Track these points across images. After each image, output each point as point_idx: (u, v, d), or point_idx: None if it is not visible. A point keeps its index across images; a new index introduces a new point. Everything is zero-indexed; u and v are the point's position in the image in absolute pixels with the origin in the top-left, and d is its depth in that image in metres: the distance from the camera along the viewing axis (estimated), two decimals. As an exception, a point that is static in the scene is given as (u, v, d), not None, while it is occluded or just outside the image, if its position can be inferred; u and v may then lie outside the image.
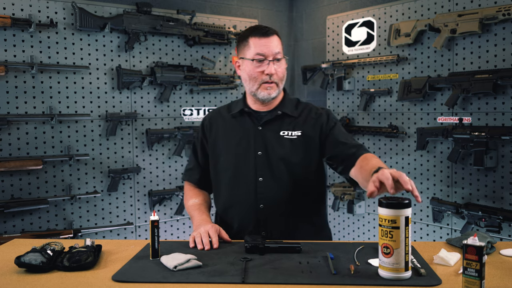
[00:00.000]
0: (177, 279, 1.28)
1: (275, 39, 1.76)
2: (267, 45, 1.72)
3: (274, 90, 1.73)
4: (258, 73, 1.72)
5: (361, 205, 3.56)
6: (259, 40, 1.72)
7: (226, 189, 1.80)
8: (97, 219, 3.19)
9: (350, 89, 3.62)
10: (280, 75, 1.74)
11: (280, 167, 1.73)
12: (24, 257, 1.37)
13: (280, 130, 1.77)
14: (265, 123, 1.78)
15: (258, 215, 1.73)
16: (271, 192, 1.73)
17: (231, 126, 1.82)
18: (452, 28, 2.85)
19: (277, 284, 1.24)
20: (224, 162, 1.80)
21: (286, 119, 1.78)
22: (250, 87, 1.75)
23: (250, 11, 3.98)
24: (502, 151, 2.74)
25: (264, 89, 1.72)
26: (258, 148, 1.75)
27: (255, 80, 1.73)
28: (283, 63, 1.76)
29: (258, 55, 1.71)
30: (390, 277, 1.24)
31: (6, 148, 2.84)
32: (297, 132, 1.76)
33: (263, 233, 1.72)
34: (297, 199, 1.75)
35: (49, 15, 2.95)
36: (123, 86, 3.22)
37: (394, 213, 1.23)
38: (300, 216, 1.78)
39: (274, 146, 1.75)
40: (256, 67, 1.72)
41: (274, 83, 1.72)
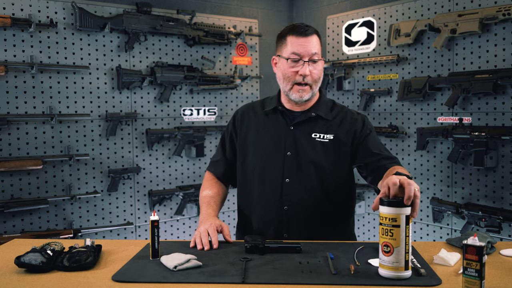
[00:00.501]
0: (177, 279, 1.28)
1: (314, 39, 1.68)
2: (304, 44, 1.66)
3: (307, 92, 1.68)
4: (292, 73, 1.67)
5: (361, 205, 3.56)
6: (296, 39, 1.67)
7: (252, 187, 1.76)
8: (97, 219, 3.19)
9: (350, 89, 3.62)
10: (315, 76, 1.68)
11: (309, 169, 1.69)
12: (24, 257, 1.37)
13: (313, 132, 1.72)
14: (297, 124, 1.73)
15: (281, 217, 1.70)
16: (297, 194, 1.70)
17: (263, 123, 1.78)
18: (452, 28, 2.85)
19: (277, 284, 1.24)
20: (252, 159, 1.76)
21: (320, 121, 1.74)
22: (283, 87, 1.72)
23: (250, 11, 3.98)
24: (502, 151, 2.74)
25: (296, 91, 1.68)
26: (288, 148, 1.71)
27: (288, 80, 1.69)
28: (319, 65, 1.70)
29: (293, 55, 1.66)
30: (390, 276, 1.24)
31: (6, 148, 2.84)
32: (330, 135, 1.72)
33: (285, 235, 1.70)
34: (323, 204, 1.71)
35: (49, 15, 2.95)
36: (123, 86, 3.22)
37: (394, 212, 1.23)
38: (324, 222, 1.73)
39: (305, 148, 1.70)
40: (290, 67, 1.67)
41: (308, 85, 1.68)
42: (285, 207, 1.70)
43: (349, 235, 1.82)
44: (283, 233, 1.71)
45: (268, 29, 4.09)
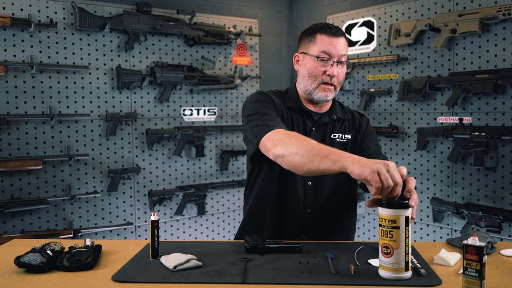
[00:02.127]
0: (177, 279, 1.28)
1: (343, 40, 1.67)
2: (335, 44, 1.64)
3: (332, 92, 1.68)
4: (320, 72, 1.65)
5: (361, 205, 3.56)
6: (328, 39, 1.64)
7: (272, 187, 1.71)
8: (97, 219, 3.19)
9: (350, 89, 3.62)
10: (341, 78, 1.68)
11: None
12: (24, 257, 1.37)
13: (332, 133, 1.74)
14: (319, 125, 1.73)
15: (303, 219, 1.70)
16: (319, 197, 1.70)
17: (288, 118, 1.72)
18: (452, 28, 2.85)
19: (277, 284, 1.24)
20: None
21: (337, 123, 1.75)
22: (307, 85, 1.68)
23: (250, 11, 3.98)
24: (502, 151, 2.74)
25: (322, 90, 1.67)
26: None
27: (314, 79, 1.66)
28: (345, 68, 1.70)
29: (323, 53, 1.64)
30: (390, 277, 1.24)
31: (6, 148, 2.84)
32: (348, 135, 1.74)
33: (304, 237, 1.70)
34: (338, 204, 1.73)
35: (49, 15, 2.95)
36: (123, 86, 3.22)
37: (394, 213, 1.23)
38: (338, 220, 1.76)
39: None
40: (319, 65, 1.65)
41: (333, 86, 1.67)
42: (308, 210, 1.70)
43: (354, 230, 1.86)
44: (302, 235, 1.71)
45: (268, 29, 4.09)
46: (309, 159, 1.35)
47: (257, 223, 1.78)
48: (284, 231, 1.72)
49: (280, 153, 1.42)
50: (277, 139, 1.46)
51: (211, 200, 3.70)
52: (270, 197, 1.74)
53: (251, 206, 1.80)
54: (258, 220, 1.78)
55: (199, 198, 3.54)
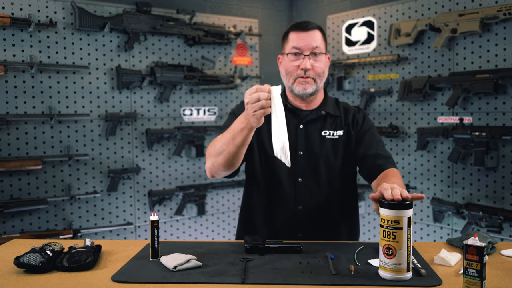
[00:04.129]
0: (177, 279, 1.28)
1: (315, 33, 1.69)
2: (303, 39, 1.67)
3: (311, 85, 1.68)
4: (294, 68, 1.68)
5: (361, 205, 3.56)
6: (296, 34, 1.69)
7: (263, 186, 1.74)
8: (96, 219, 3.19)
9: (350, 89, 3.62)
10: (318, 70, 1.68)
11: (320, 168, 1.70)
12: (24, 257, 1.37)
13: (322, 130, 1.73)
14: (307, 122, 1.73)
15: (296, 217, 1.70)
16: (310, 193, 1.70)
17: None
18: (453, 28, 2.85)
19: (277, 284, 1.24)
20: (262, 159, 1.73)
21: (328, 119, 1.75)
22: (287, 82, 1.73)
23: (250, 11, 3.98)
24: (503, 151, 2.73)
25: (299, 83, 1.68)
26: (300, 147, 1.71)
27: (290, 75, 1.70)
28: (322, 59, 1.70)
29: (294, 49, 1.68)
30: (391, 278, 1.24)
31: (5, 148, 2.84)
32: (339, 132, 1.74)
33: (300, 235, 1.70)
34: (335, 202, 1.72)
35: (48, 15, 2.95)
36: (123, 86, 3.21)
37: (396, 214, 1.22)
38: (335, 219, 1.74)
39: (316, 146, 1.70)
40: (292, 61, 1.69)
41: (311, 78, 1.67)
42: (299, 207, 1.70)
43: (357, 229, 1.84)
44: (297, 233, 1.70)
45: (268, 29, 4.09)
46: (225, 151, 1.51)
47: (250, 225, 1.80)
48: (278, 230, 1.73)
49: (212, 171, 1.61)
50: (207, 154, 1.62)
51: (211, 200, 3.70)
52: (259, 198, 1.76)
53: (243, 209, 1.84)
54: (251, 222, 1.80)
55: (199, 198, 3.54)
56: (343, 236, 1.74)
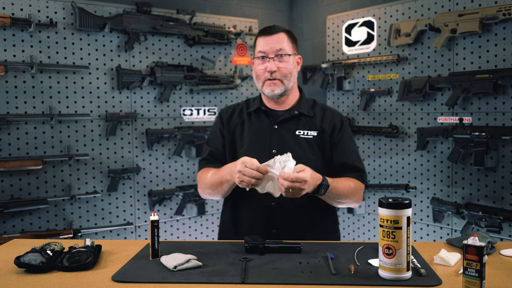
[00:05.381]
0: (177, 279, 1.28)
1: (280, 36, 1.75)
2: (268, 42, 1.74)
3: (278, 86, 1.74)
4: (261, 71, 1.76)
5: (361, 205, 3.56)
6: (262, 39, 1.76)
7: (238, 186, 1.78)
8: (97, 219, 3.19)
9: (350, 89, 3.62)
10: (284, 71, 1.74)
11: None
12: (24, 257, 1.37)
13: (297, 129, 1.78)
14: (281, 122, 1.79)
15: (269, 213, 1.73)
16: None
17: (248, 123, 1.83)
18: (453, 28, 2.85)
19: (277, 284, 1.24)
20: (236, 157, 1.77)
21: (302, 119, 1.80)
22: (257, 85, 1.81)
23: (250, 11, 3.98)
24: (503, 151, 2.74)
25: (267, 86, 1.75)
26: (274, 146, 1.75)
27: (258, 78, 1.78)
28: (287, 60, 1.76)
29: (260, 53, 1.75)
30: (391, 278, 1.24)
31: (5, 148, 2.84)
32: (313, 132, 1.78)
33: (274, 231, 1.72)
34: (309, 199, 1.73)
35: (48, 15, 2.95)
36: (123, 86, 3.22)
37: (396, 214, 1.22)
38: (311, 217, 1.77)
39: (290, 145, 1.75)
40: (259, 65, 1.76)
41: (278, 80, 1.74)
42: (272, 203, 1.72)
43: (335, 230, 1.87)
44: (271, 229, 1.73)
45: (268, 29, 4.09)
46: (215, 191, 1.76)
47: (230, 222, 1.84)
48: (253, 226, 1.75)
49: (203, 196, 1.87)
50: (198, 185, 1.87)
51: (211, 200, 3.70)
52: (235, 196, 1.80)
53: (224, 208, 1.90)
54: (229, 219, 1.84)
55: (199, 198, 3.54)
56: (320, 237, 1.75)
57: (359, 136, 3.57)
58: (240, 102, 1.95)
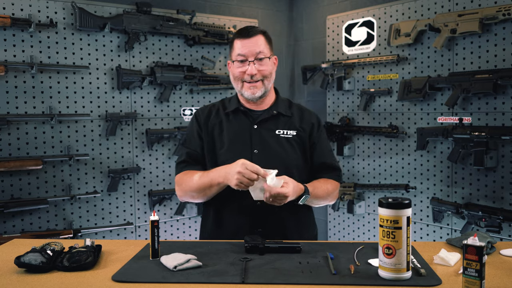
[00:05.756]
0: (177, 279, 1.28)
1: (258, 39, 1.76)
2: (247, 45, 1.74)
3: (259, 88, 1.76)
4: (240, 74, 1.77)
5: (361, 205, 3.56)
6: (240, 42, 1.75)
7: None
8: (97, 219, 3.19)
9: (350, 89, 3.62)
10: (265, 73, 1.76)
11: (276, 165, 1.74)
12: (24, 257, 1.37)
13: (276, 129, 1.81)
14: (260, 122, 1.80)
15: (254, 213, 1.74)
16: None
17: (226, 123, 1.83)
18: (452, 28, 2.85)
19: (277, 284, 1.24)
20: (221, 159, 1.79)
21: (281, 119, 1.83)
22: (236, 87, 1.82)
23: (250, 11, 3.98)
24: (502, 151, 2.74)
25: (247, 88, 1.76)
26: (255, 146, 1.77)
27: (238, 80, 1.78)
28: (267, 62, 1.77)
29: (239, 56, 1.75)
30: (391, 278, 1.24)
31: (6, 148, 2.84)
32: (293, 131, 1.81)
33: (259, 229, 1.72)
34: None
35: (49, 15, 2.95)
36: (123, 86, 3.22)
37: (396, 214, 1.23)
38: (293, 214, 1.79)
39: (271, 144, 1.77)
40: (238, 68, 1.77)
41: (259, 81, 1.75)
42: (258, 203, 1.73)
43: (313, 224, 1.93)
44: (257, 228, 1.74)
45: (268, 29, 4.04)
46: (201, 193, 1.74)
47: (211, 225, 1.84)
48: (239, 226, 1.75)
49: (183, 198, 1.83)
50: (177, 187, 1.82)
51: (211, 200, 3.70)
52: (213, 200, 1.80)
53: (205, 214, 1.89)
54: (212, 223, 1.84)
55: (199, 198, 3.54)
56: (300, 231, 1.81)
57: (359, 136, 3.57)
58: (215, 103, 1.94)
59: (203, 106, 1.95)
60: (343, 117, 3.65)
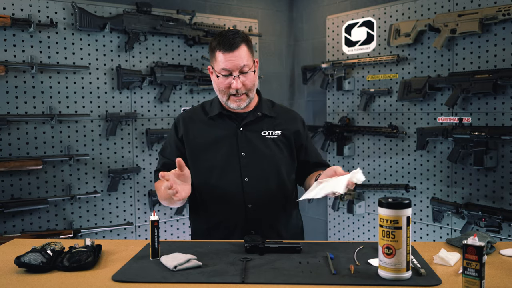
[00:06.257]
0: (177, 279, 1.28)
1: (242, 50, 1.69)
2: (231, 60, 1.68)
3: (244, 101, 1.74)
4: (225, 87, 1.72)
5: (361, 205, 3.56)
6: (224, 55, 1.68)
7: (211, 191, 1.78)
8: (97, 219, 3.19)
9: (350, 89, 3.62)
10: (249, 85, 1.73)
11: (265, 166, 1.77)
12: (24, 257, 1.37)
13: (262, 130, 1.81)
14: (245, 124, 1.79)
15: (246, 215, 1.75)
16: (258, 191, 1.75)
17: (210, 128, 1.81)
18: (452, 28, 2.85)
19: (277, 284, 1.24)
20: (206, 165, 1.78)
21: (266, 120, 1.82)
22: (220, 97, 1.77)
23: (250, 11, 3.98)
24: (502, 151, 2.74)
25: (233, 101, 1.74)
26: (242, 148, 1.77)
27: (223, 93, 1.74)
28: (251, 75, 1.73)
29: (223, 70, 1.70)
30: (391, 278, 1.24)
31: (6, 148, 2.84)
32: (277, 131, 1.82)
33: (252, 231, 1.73)
34: (281, 196, 1.81)
35: (49, 15, 2.95)
36: (123, 86, 3.22)
37: (396, 214, 1.23)
38: (282, 212, 1.82)
39: (258, 146, 1.78)
40: (223, 81, 1.71)
41: (244, 94, 1.73)
42: (249, 205, 1.74)
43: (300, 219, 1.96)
44: (250, 229, 1.74)
45: (268, 29, 4.09)
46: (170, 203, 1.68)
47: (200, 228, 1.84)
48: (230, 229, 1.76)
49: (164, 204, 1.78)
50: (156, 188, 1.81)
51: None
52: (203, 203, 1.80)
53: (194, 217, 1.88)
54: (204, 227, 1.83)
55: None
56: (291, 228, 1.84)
57: (359, 136, 3.57)
58: (196, 107, 1.91)
59: (183, 112, 1.92)
60: (343, 117, 3.65)
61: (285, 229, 1.81)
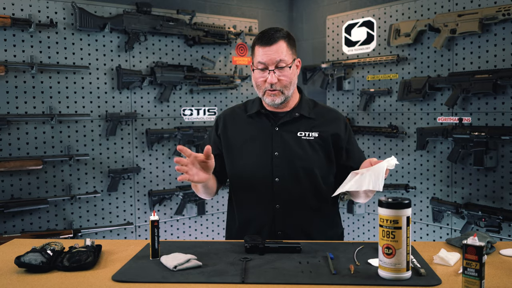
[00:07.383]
0: (177, 279, 1.28)
1: (280, 45, 1.70)
2: (268, 54, 1.69)
3: (278, 96, 1.72)
4: (261, 82, 1.73)
5: (361, 205, 3.56)
6: (261, 49, 1.70)
7: (243, 189, 1.79)
8: (97, 219, 3.19)
9: (350, 89, 3.62)
10: (284, 82, 1.71)
11: (297, 167, 1.73)
12: (24, 257, 1.37)
13: (298, 131, 1.77)
14: (282, 124, 1.78)
15: (274, 215, 1.73)
16: (288, 192, 1.73)
17: (247, 126, 1.82)
18: (452, 28, 2.85)
19: (277, 284, 1.24)
20: (240, 162, 1.79)
21: (303, 121, 1.79)
22: (258, 93, 1.78)
23: (250, 11, 3.98)
24: (502, 151, 2.74)
25: (268, 95, 1.73)
26: (276, 148, 1.75)
27: (259, 88, 1.75)
28: (287, 71, 1.72)
29: (259, 64, 1.71)
30: (391, 278, 1.24)
31: (6, 148, 2.84)
32: (315, 133, 1.77)
33: (279, 233, 1.72)
34: (314, 200, 1.75)
35: (49, 15, 2.95)
36: (123, 86, 3.22)
37: (395, 213, 1.23)
38: (315, 215, 1.77)
39: (292, 146, 1.75)
40: (259, 76, 1.72)
41: (278, 91, 1.71)
42: (277, 206, 1.73)
43: (339, 224, 1.89)
44: (277, 231, 1.73)
45: (268, 29, 4.09)
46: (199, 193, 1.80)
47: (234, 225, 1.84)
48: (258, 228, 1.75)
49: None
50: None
51: (211, 200, 3.70)
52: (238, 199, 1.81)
53: (228, 210, 1.91)
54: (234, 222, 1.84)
55: (199, 198, 3.54)
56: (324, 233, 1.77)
57: (359, 136, 3.57)
58: (239, 105, 1.93)
59: (226, 109, 1.93)
60: (343, 117, 3.65)
61: (319, 234, 1.75)
